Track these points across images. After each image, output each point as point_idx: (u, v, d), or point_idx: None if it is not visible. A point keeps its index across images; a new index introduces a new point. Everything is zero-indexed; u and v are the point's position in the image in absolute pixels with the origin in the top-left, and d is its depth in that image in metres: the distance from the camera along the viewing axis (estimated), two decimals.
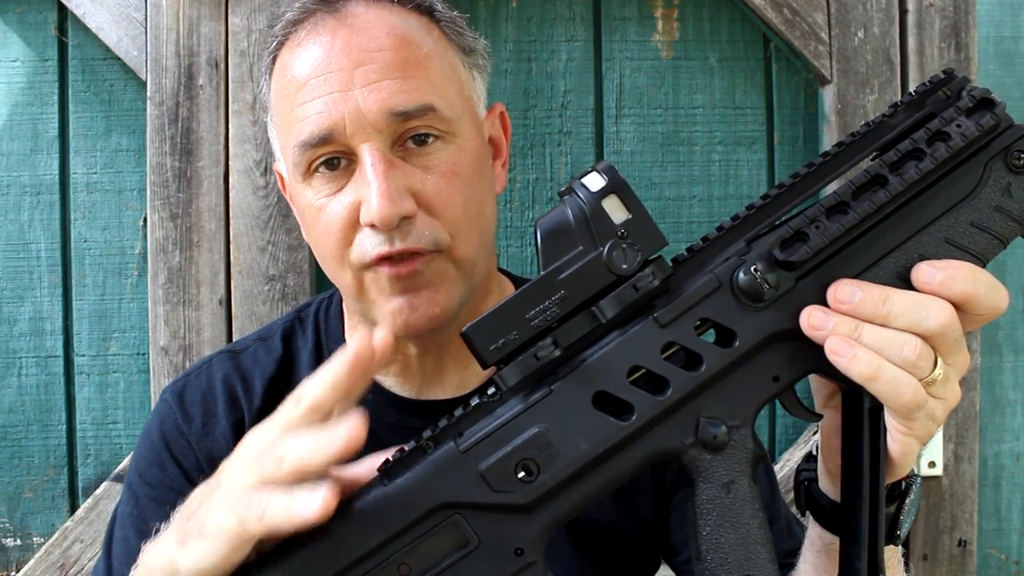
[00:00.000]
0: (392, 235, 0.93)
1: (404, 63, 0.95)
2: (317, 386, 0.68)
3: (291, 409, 0.69)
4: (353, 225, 0.95)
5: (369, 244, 0.94)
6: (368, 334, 0.68)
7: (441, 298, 0.96)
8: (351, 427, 0.63)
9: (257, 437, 0.70)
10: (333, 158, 0.95)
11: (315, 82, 0.95)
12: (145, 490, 1.08)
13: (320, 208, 0.97)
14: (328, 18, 0.98)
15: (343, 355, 0.67)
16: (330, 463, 0.64)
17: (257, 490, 0.65)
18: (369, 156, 0.93)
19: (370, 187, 0.92)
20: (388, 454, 0.71)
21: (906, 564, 0.92)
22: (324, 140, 0.94)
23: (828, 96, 1.58)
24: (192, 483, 1.04)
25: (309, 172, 0.97)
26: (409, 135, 0.95)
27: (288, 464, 0.65)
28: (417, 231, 0.94)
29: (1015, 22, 1.68)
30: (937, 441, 1.59)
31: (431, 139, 0.96)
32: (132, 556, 0.94)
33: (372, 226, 0.93)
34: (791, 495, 0.90)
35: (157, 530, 0.77)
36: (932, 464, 1.59)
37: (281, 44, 1.01)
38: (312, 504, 0.62)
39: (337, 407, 0.68)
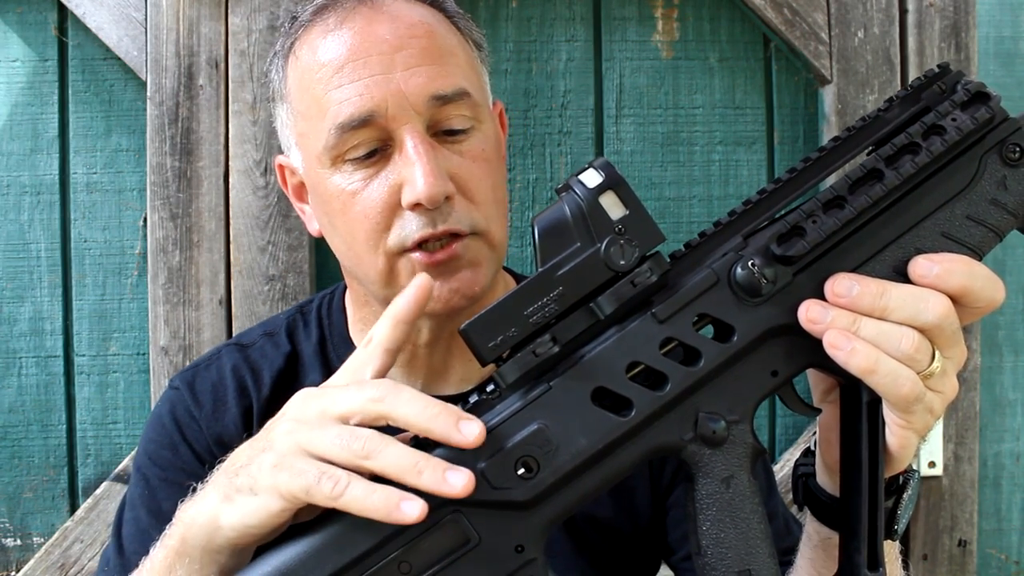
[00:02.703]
0: (434, 216, 0.94)
1: (440, 50, 0.98)
2: (384, 326, 0.74)
3: (360, 352, 0.76)
4: (393, 208, 0.95)
5: (412, 226, 0.95)
6: (421, 281, 0.75)
7: (480, 277, 0.98)
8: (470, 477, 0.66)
9: (307, 399, 0.73)
10: (371, 151, 0.96)
11: (353, 65, 0.95)
12: (156, 472, 1.08)
13: (354, 192, 0.97)
14: (359, 6, 0.99)
15: (404, 293, 0.75)
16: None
17: (324, 463, 0.68)
18: (411, 138, 0.94)
19: (414, 167, 0.93)
20: None
21: (905, 563, 0.92)
22: (365, 121, 0.94)
23: (828, 96, 1.58)
24: (204, 466, 1.06)
25: (341, 158, 0.97)
26: (443, 125, 0.97)
27: (377, 466, 0.67)
28: (457, 214, 0.95)
29: (1015, 22, 1.68)
30: (937, 441, 1.59)
31: (463, 125, 0.98)
32: (143, 535, 0.95)
33: (416, 207, 0.94)
34: (792, 494, 0.90)
35: (193, 489, 0.78)
36: (932, 464, 1.59)
37: (306, 29, 1.01)
38: (412, 509, 0.65)
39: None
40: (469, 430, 0.66)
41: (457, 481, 0.65)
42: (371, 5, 0.99)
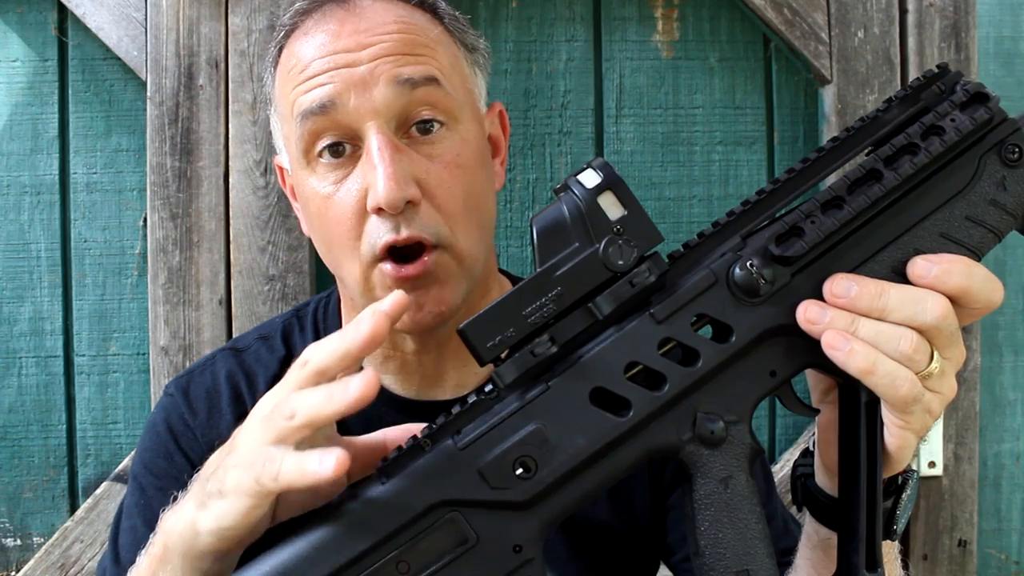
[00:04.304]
0: (398, 221, 0.93)
1: (412, 43, 0.97)
2: (325, 354, 0.69)
3: (297, 372, 0.71)
4: (362, 213, 0.95)
5: (377, 232, 0.94)
6: (381, 313, 0.69)
7: (447, 295, 0.97)
8: (365, 380, 0.65)
9: (268, 399, 0.72)
10: (337, 143, 0.96)
11: (320, 62, 0.95)
12: (152, 481, 1.08)
13: (328, 196, 0.97)
14: (337, 9, 0.99)
15: (358, 330, 0.68)
16: (341, 415, 0.66)
17: (270, 448, 0.67)
18: (375, 140, 0.93)
19: (376, 170, 0.92)
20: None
21: (905, 563, 0.92)
22: (324, 108, 0.94)
23: (828, 96, 1.58)
24: None
25: (312, 156, 0.97)
26: (414, 120, 0.96)
27: (300, 419, 0.67)
28: (421, 219, 0.94)
29: (1015, 22, 1.68)
30: (937, 441, 1.59)
31: (435, 126, 0.97)
32: (139, 544, 0.95)
33: (379, 211, 0.93)
34: (791, 494, 0.90)
35: (175, 498, 0.78)
36: (932, 464, 1.59)
37: (288, 34, 1.01)
38: (326, 463, 0.64)
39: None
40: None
41: (355, 386, 0.65)
42: (348, 8, 0.98)
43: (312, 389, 0.67)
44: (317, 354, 0.70)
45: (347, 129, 0.95)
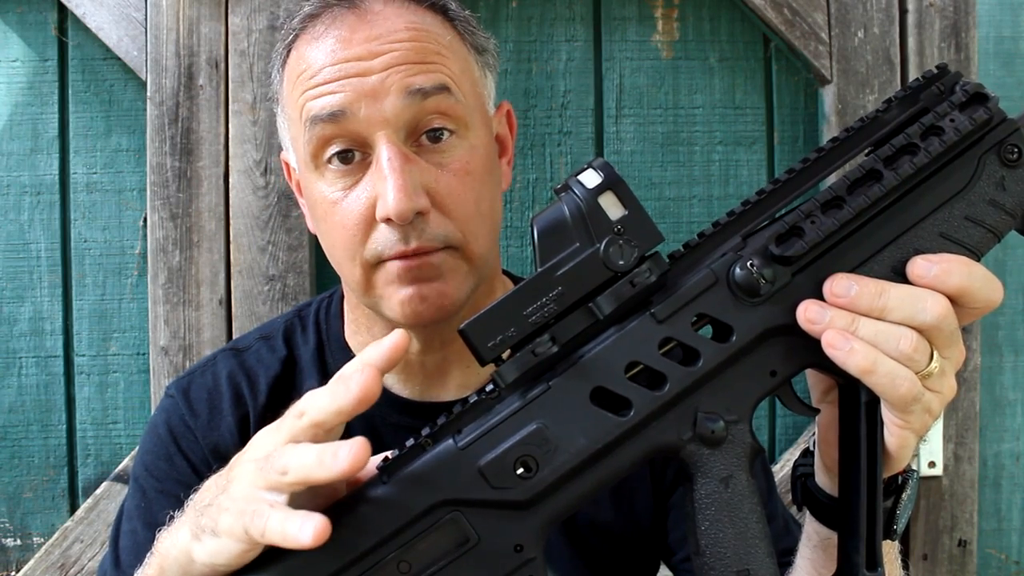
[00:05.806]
0: (407, 232, 0.93)
1: (423, 51, 0.96)
2: (322, 406, 0.67)
3: (293, 421, 0.68)
4: (369, 221, 0.95)
5: (385, 242, 0.94)
6: (375, 370, 0.66)
7: (450, 290, 0.96)
8: (354, 451, 0.63)
9: (265, 439, 0.71)
10: (347, 151, 0.95)
11: (331, 69, 0.95)
12: (152, 483, 1.08)
13: (335, 202, 0.97)
14: (347, 13, 0.98)
15: (352, 383, 0.66)
16: (331, 481, 0.64)
17: (261, 499, 0.66)
18: (386, 150, 0.93)
19: (386, 181, 0.92)
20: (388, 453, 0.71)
21: (905, 563, 0.92)
22: (334, 116, 0.94)
23: (828, 96, 1.58)
24: (199, 476, 1.04)
25: (320, 161, 0.97)
26: (424, 129, 0.96)
27: (291, 477, 0.65)
28: (431, 229, 0.94)
29: (1015, 22, 1.68)
30: (937, 441, 1.59)
31: (445, 135, 0.97)
32: (139, 548, 0.95)
33: (388, 221, 0.93)
34: (791, 494, 0.90)
35: (171, 517, 0.78)
36: (932, 464, 1.59)
37: (297, 37, 1.01)
38: (305, 532, 0.62)
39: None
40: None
41: (344, 456, 0.62)
42: (358, 13, 0.98)
43: (306, 447, 0.65)
44: (312, 407, 0.68)
45: (357, 137, 0.95)
